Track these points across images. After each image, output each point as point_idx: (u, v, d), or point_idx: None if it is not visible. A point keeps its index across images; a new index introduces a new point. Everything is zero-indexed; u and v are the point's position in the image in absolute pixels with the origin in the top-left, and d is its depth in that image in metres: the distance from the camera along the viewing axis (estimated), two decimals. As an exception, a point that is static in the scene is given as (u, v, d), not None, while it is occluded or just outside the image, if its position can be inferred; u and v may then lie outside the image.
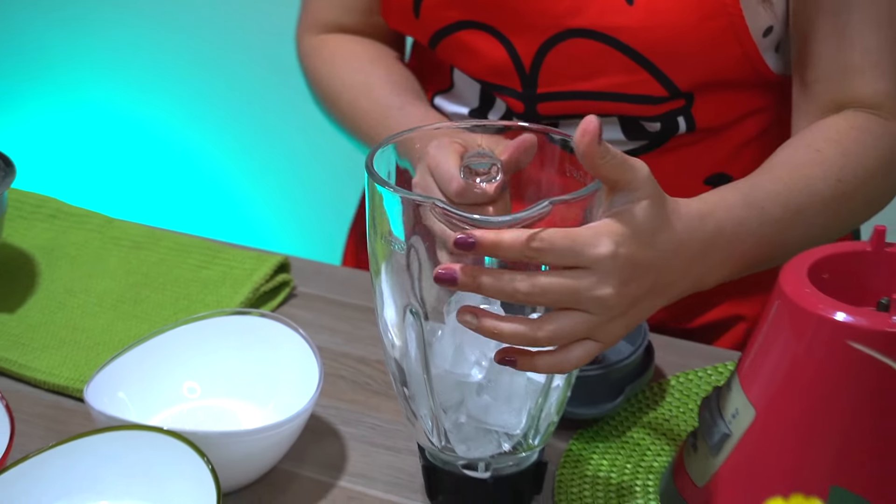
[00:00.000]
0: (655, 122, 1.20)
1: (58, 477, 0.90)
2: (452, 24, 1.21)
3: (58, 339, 1.16)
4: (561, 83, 1.18)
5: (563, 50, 1.17)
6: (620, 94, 1.17)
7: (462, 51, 1.22)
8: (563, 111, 1.20)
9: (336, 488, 0.99)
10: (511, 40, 1.19)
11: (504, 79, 1.20)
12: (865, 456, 0.84)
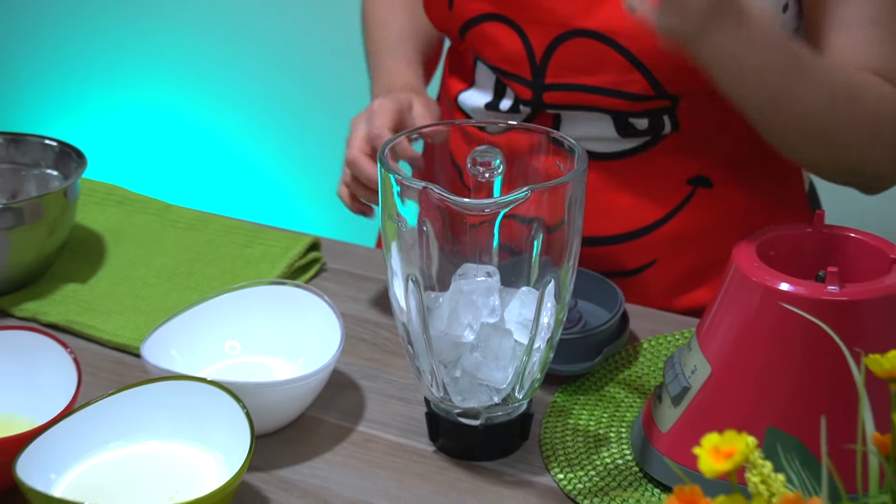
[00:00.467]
0: (643, 118, 1.18)
1: (117, 419, 0.92)
2: (479, 15, 1.20)
3: (121, 305, 1.17)
4: (565, 76, 1.18)
5: (570, 47, 1.16)
6: (614, 91, 1.17)
7: (485, 40, 1.20)
8: (564, 101, 1.19)
9: (355, 432, 1.01)
10: (527, 33, 1.18)
11: (517, 67, 1.19)
12: (801, 403, 0.85)
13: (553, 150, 0.97)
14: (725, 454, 0.57)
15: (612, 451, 0.98)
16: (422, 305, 0.92)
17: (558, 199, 0.89)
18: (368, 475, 0.95)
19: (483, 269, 0.94)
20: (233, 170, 2.76)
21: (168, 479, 0.90)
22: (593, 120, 1.19)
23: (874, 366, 0.64)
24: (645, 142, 1.20)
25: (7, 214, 1.13)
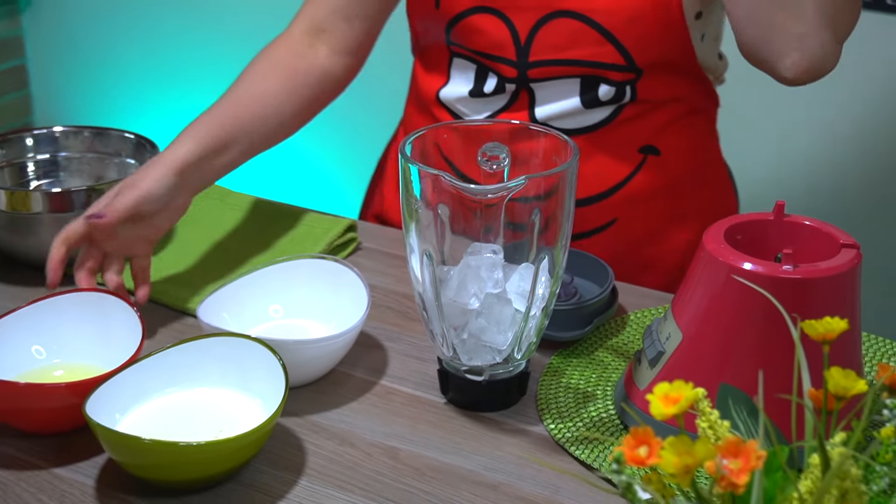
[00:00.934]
0: (612, 86, 1.20)
1: (173, 368, 0.93)
2: (466, 10, 1.21)
3: (185, 275, 1.19)
4: (548, 53, 1.19)
5: (552, 27, 1.18)
6: (592, 62, 1.19)
7: (471, 31, 1.21)
8: (547, 74, 1.20)
9: (378, 385, 1.02)
10: (512, 19, 1.19)
11: (503, 51, 1.20)
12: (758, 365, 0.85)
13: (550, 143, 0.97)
14: (673, 400, 0.58)
15: (597, 406, 0.98)
16: (434, 277, 0.93)
17: (551, 187, 0.90)
18: (388, 421, 0.96)
19: (489, 247, 0.95)
20: (285, 160, 2.79)
21: (215, 419, 0.91)
22: (564, 93, 1.21)
23: (810, 329, 0.65)
24: (605, 117, 1.22)
25: (90, 195, 1.15)
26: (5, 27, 3.06)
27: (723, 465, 0.57)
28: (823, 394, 0.63)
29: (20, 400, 0.90)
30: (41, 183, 1.29)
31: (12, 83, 3.12)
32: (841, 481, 0.57)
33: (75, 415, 0.86)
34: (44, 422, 0.92)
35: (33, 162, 1.29)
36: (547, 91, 1.21)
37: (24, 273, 1.19)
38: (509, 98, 1.23)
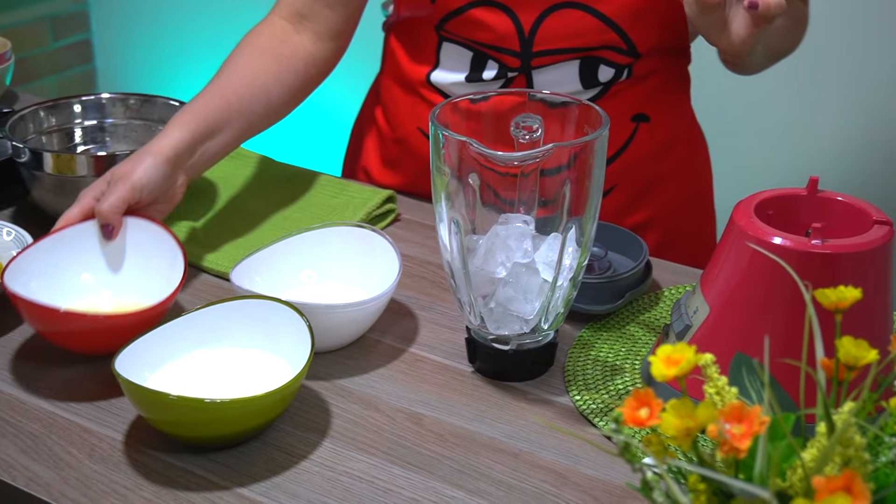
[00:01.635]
0: (612, 68, 1.23)
1: (203, 329, 0.95)
2: (465, 4, 1.21)
3: (224, 241, 1.20)
4: (552, 43, 1.21)
5: (556, 17, 1.20)
6: (595, 48, 1.21)
7: (472, 24, 1.22)
8: (549, 62, 1.22)
9: (407, 353, 1.02)
10: (516, 13, 1.20)
11: (506, 43, 1.22)
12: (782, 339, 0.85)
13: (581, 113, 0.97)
14: (675, 362, 0.58)
15: (624, 379, 0.98)
16: (462, 245, 0.93)
17: (581, 157, 0.90)
18: (414, 388, 0.97)
19: (521, 217, 0.95)
20: (327, 130, 2.81)
21: (242, 379, 0.93)
22: (563, 76, 1.23)
23: (822, 298, 0.64)
24: (599, 90, 1.24)
25: (134, 161, 1.17)
26: (72, 2, 3.12)
27: (725, 429, 0.57)
28: (835, 363, 0.63)
29: (64, 324, 0.95)
30: (87, 148, 1.31)
31: (77, 57, 3.18)
32: (844, 449, 0.57)
33: (112, 341, 0.91)
34: (83, 345, 0.98)
35: (80, 128, 1.31)
36: (547, 75, 1.23)
37: (69, 235, 1.21)
38: (506, 81, 1.25)
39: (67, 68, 3.16)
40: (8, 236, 1.12)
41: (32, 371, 0.98)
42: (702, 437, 0.83)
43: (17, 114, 1.26)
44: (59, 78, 3.13)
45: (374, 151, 1.40)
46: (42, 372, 0.98)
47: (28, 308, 0.95)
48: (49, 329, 0.96)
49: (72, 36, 3.15)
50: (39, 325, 0.97)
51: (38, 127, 1.28)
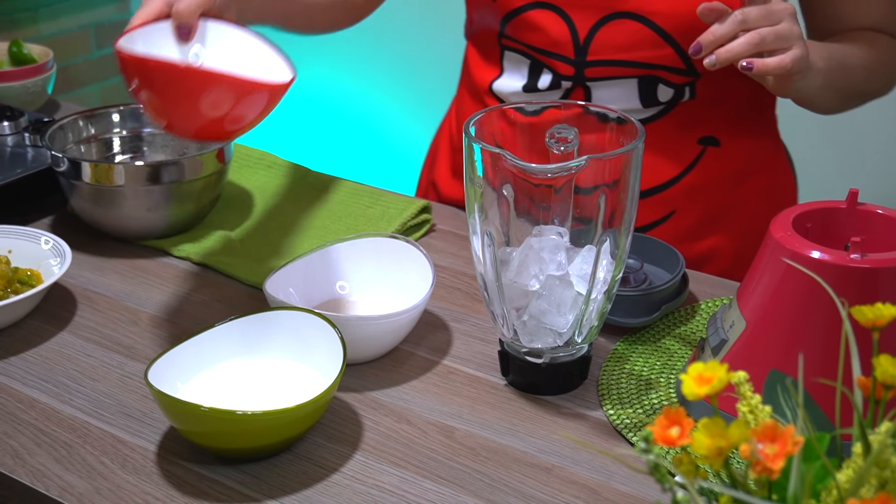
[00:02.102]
0: (671, 88, 1.20)
1: (236, 340, 0.95)
2: (524, 5, 1.20)
3: (260, 251, 1.20)
4: (606, 53, 1.19)
5: (612, 27, 1.17)
6: (650, 64, 1.18)
7: (528, 26, 1.21)
8: (603, 74, 1.20)
9: (440, 365, 1.02)
10: (572, 17, 1.18)
11: (560, 48, 1.20)
12: (820, 355, 0.84)
13: (617, 128, 0.96)
14: (706, 380, 0.57)
15: (659, 394, 0.97)
16: (495, 257, 0.92)
17: (615, 169, 0.89)
18: (447, 401, 0.97)
19: (555, 229, 0.95)
20: (366, 141, 2.82)
21: (274, 390, 0.93)
22: (622, 94, 1.20)
23: (859, 315, 0.63)
24: (661, 109, 1.21)
25: (171, 169, 1.18)
26: (115, 10, 3.15)
27: (758, 449, 0.56)
28: (872, 382, 0.61)
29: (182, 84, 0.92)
30: (125, 157, 1.32)
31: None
32: (881, 470, 0.56)
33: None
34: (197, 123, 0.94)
35: (119, 137, 1.32)
36: (604, 90, 1.21)
37: (107, 243, 1.22)
38: (563, 94, 1.23)
39: (110, 76, 3.19)
40: (46, 245, 1.13)
41: (67, 380, 0.99)
42: (734, 457, 0.82)
43: (56, 123, 1.27)
44: (101, 86, 3.16)
45: (444, 161, 1.41)
46: (77, 381, 0.99)
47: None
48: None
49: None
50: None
51: (77, 136, 1.29)
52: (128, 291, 1.14)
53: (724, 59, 1.02)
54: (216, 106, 0.91)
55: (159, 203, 1.19)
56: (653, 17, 1.16)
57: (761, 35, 1.02)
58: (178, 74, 0.92)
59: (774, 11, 1.03)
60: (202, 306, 1.11)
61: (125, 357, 1.02)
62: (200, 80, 0.91)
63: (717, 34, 1.02)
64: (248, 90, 0.92)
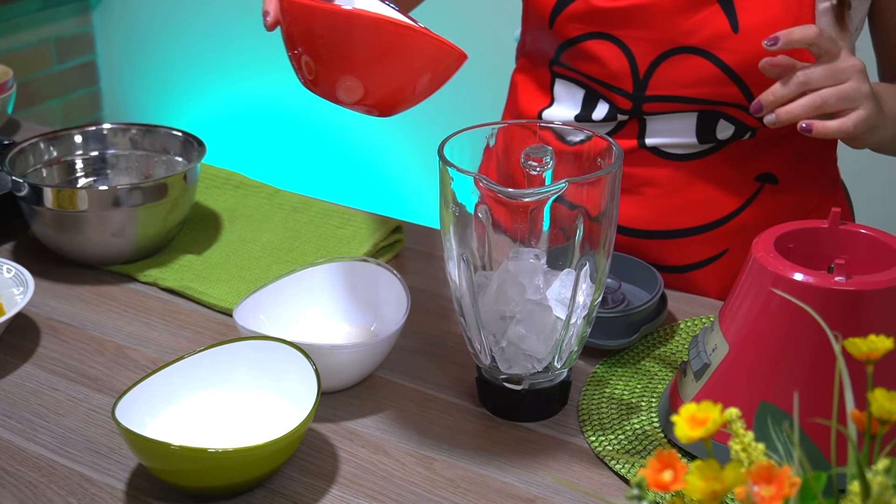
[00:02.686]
0: (732, 125, 1.14)
1: (206, 371, 0.92)
2: (582, 34, 1.14)
3: (228, 274, 1.17)
4: (666, 88, 1.12)
5: (674, 62, 1.11)
6: (711, 101, 1.12)
7: (586, 56, 1.15)
8: (662, 109, 1.14)
9: (416, 392, 0.99)
10: (632, 50, 1.12)
11: (618, 81, 1.14)
12: (805, 381, 0.82)
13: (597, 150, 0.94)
14: (700, 422, 0.54)
15: (641, 419, 0.95)
16: (472, 282, 0.90)
17: (596, 192, 0.87)
18: (424, 430, 0.94)
19: (531, 251, 0.92)
20: (335, 159, 2.78)
21: (247, 423, 0.90)
22: (679, 128, 1.14)
23: (852, 348, 0.61)
24: (717, 144, 1.16)
25: (136, 193, 1.15)
26: (76, 24, 3.11)
27: (754, 491, 0.54)
28: (867, 417, 0.59)
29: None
30: (89, 181, 1.29)
31: (82, 79, 3.16)
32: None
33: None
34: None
35: (82, 159, 1.29)
36: (660, 124, 1.15)
37: (71, 269, 1.19)
38: (616, 125, 1.17)
39: (72, 90, 3.14)
40: (8, 273, 1.09)
41: (32, 416, 0.95)
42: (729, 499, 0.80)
43: (17, 146, 1.23)
44: (64, 101, 3.11)
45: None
46: (41, 417, 0.95)
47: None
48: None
49: (77, 58, 3.13)
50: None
51: (38, 159, 1.26)
52: (93, 320, 1.10)
53: (784, 120, 0.99)
54: (406, 63, 0.86)
55: (124, 227, 1.15)
56: (719, 54, 1.09)
57: (823, 98, 0.98)
58: (379, 25, 0.84)
59: (841, 70, 0.99)
60: (169, 334, 1.08)
61: (91, 390, 0.99)
62: (399, 34, 0.85)
63: (778, 94, 0.99)
64: (444, 53, 0.86)
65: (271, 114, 2.89)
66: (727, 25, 1.08)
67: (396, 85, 0.88)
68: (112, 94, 3.21)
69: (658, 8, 1.09)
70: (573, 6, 1.13)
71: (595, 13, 1.12)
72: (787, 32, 0.98)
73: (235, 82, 2.92)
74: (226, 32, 2.89)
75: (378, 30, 0.85)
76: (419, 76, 0.88)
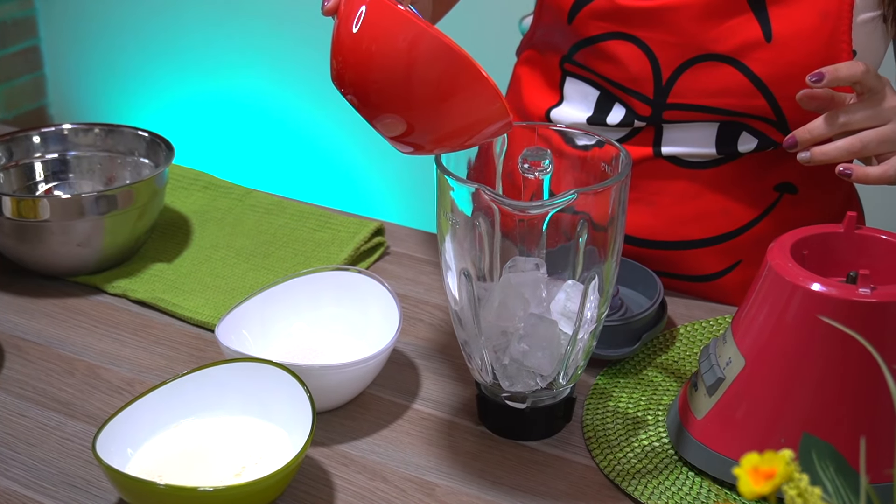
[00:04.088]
0: (755, 137, 1.08)
1: (190, 397, 0.86)
2: (603, 33, 1.08)
3: (202, 284, 1.11)
4: (689, 96, 1.06)
5: (700, 70, 1.05)
6: (737, 113, 1.06)
7: (605, 57, 1.08)
8: (682, 118, 1.08)
9: (411, 410, 0.94)
10: (656, 54, 1.06)
11: (639, 86, 1.08)
12: (829, 397, 0.78)
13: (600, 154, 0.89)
14: (765, 475, 0.50)
15: (648, 434, 0.91)
16: (473, 297, 0.85)
17: (603, 201, 0.82)
18: (423, 452, 0.89)
19: (531, 261, 0.87)
20: (308, 156, 2.70)
21: (236, 452, 0.84)
22: (698, 138, 1.09)
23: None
24: (737, 154, 1.10)
25: (101, 201, 1.08)
26: (18, 7, 2.99)
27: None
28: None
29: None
30: (50, 186, 1.21)
31: (26, 65, 3.05)
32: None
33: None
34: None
35: (41, 162, 1.21)
36: (679, 133, 1.09)
37: (34, 281, 1.12)
38: (631, 131, 1.11)
39: (16, 76, 3.03)
40: (-34, 289, 1.02)
41: (1, 448, 0.89)
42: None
43: (-30, 150, 1.16)
44: (7, 87, 3.00)
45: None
46: (11, 447, 0.89)
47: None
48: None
49: (20, 42, 3.02)
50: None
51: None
52: (60, 337, 1.04)
53: (818, 161, 0.94)
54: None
55: (90, 237, 1.09)
56: (749, 64, 1.03)
57: (863, 142, 0.93)
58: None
59: (883, 111, 0.94)
60: (143, 351, 1.02)
61: (63, 416, 0.93)
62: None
63: (815, 133, 0.94)
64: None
65: (233, 106, 2.80)
66: (760, 34, 1.02)
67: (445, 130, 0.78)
68: (56, 80, 3.11)
69: (687, 11, 1.03)
70: (596, 3, 1.06)
71: (619, 12, 1.06)
72: (834, 69, 0.92)
73: (187, 65, 2.83)
74: (174, 13, 2.79)
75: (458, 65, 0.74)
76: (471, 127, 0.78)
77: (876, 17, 1.03)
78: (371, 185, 2.62)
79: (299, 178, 2.72)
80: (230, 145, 2.80)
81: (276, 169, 2.75)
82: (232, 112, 2.79)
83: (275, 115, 2.73)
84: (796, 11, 1.01)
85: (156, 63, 2.87)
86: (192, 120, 2.86)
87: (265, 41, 2.65)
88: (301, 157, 2.71)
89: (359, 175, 2.65)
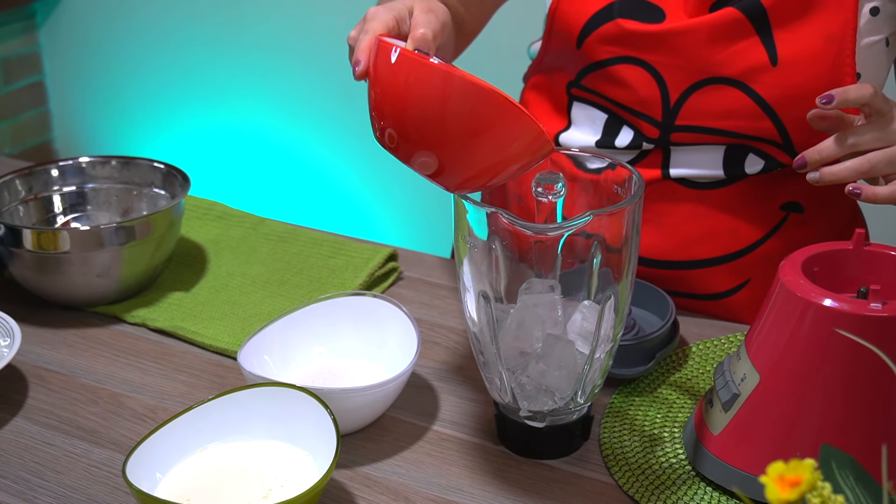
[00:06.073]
0: (762, 159, 1.09)
1: (216, 421, 0.87)
2: (611, 58, 1.09)
3: (220, 311, 1.13)
4: (697, 119, 1.08)
5: (707, 93, 1.06)
6: (743, 135, 1.07)
7: (614, 81, 1.10)
8: (690, 140, 1.09)
9: (431, 431, 0.96)
10: (664, 77, 1.07)
11: (647, 108, 1.09)
12: (844, 411, 0.79)
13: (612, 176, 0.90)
14: (791, 482, 0.51)
15: (665, 451, 0.92)
16: (492, 319, 0.86)
17: (617, 222, 0.84)
18: (444, 472, 0.90)
19: (547, 283, 0.89)
20: (320, 185, 2.71)
21: (261, 476, 0.85)
22: (706, 160, 1.10)
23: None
24: (744, 175, 1.11)
25: (120, 232, 1.10)
26: (23, 43, 3.02)
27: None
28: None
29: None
30: (69, 218, 1.23)
31: (31, 100, 3.08)
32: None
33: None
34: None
35: (59, 195, 1.23)
36: (686, 155, 1.11)
37: (54, 312, 1.14)
38: (640, 154, 1.13)
39: (21, 111, 3.05)
40: (-11, 320, 1.04)
41: (28, 474, 0.90)
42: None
43: (-10, 184, 1.18)
44: (12, 123, 3.02)
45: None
46: (38, 475, 0.90)
47: None
48: None
49: (25, 78, 3.05)
50: None
51: (14, 196, 1.20)
52: (82, 366, 1.05)
53: (827, 181, 0.96)
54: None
55: (109, 268, 1.10)
56: (755, 87, 1.04)
57: (872, 162, 0.95)
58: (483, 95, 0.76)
59: (891, 132, 0.95)
60: (165, 379, 1.03)
61: (89, 443, 0.94)
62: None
63: (824, 154, 0.96)
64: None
65: (238, 138, 2.81)
66: (766, 58, 1.04)
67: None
68: (61, 114, 3.13)
69: (694, 36, 1.06)
70: (605, 28, 1.09)
71: (628, 36, 1.08)
72: (843, 91, 0.94)
73: (192, 99, 2.85)
74: (177, 47, 2.82)
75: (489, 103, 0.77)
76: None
77: (879, 41, 1.06)
78: (380, 212, 2.64)
79: (309, 205, 2.73)
80: (237, 176, 2.82)
81: (283, 199, 2.77)
82: (238, 144, 2.81)
83: (281, 146, 2.74)
84: (801, 36, 1.04)
85: (160, 97, 2.90)
86: (198, 152, 2.88)
87: (269, 74, 2.68)
88: (313, 187, 2.73)
89: (368, 203, 2.66)
